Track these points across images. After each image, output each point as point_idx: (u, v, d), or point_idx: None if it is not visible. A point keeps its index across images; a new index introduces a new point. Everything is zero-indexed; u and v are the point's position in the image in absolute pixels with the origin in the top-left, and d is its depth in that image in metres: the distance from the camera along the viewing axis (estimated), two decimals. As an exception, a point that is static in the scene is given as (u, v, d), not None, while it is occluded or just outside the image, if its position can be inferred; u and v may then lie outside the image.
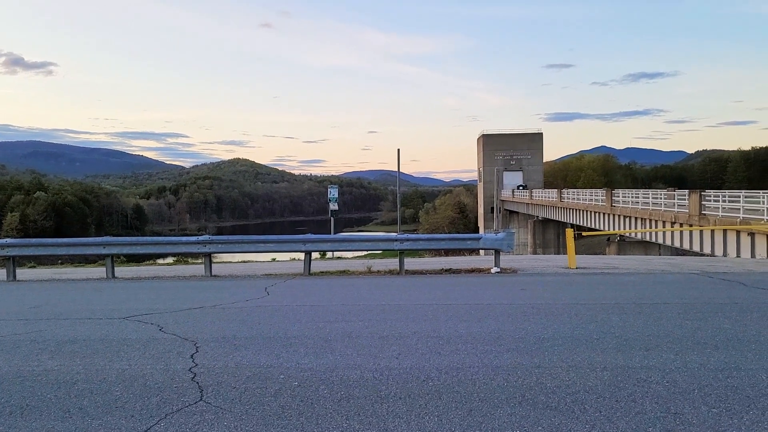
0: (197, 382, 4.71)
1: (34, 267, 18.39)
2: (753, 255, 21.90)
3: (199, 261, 17.05)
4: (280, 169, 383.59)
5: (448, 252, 24.51)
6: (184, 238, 14.24)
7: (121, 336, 6.54)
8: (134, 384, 4.70)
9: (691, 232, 27.83)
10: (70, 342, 6.29)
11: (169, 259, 25.40)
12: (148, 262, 20.97)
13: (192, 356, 5.55)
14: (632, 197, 36.52)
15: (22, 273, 14.75)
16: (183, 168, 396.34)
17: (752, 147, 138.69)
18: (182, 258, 21.20)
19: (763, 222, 21.55)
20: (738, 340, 5.80)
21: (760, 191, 25.50)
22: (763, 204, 22.44)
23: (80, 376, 4.99)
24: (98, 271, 14.86)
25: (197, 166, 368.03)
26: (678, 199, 29.52)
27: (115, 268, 13.83)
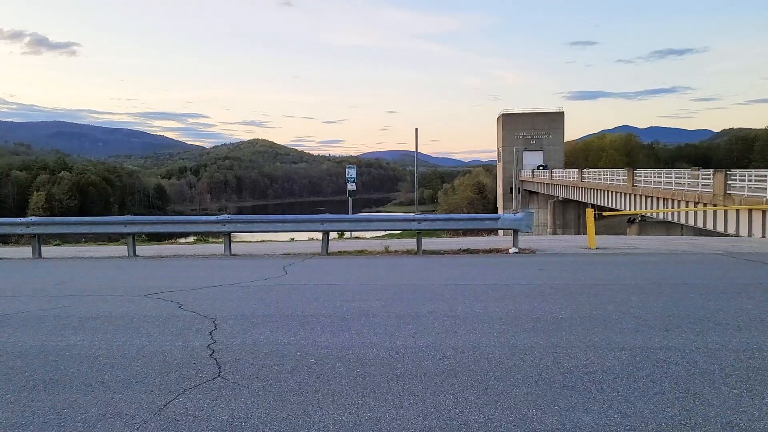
0: (215, 359, 4.76)
1: (59, 245, 18.71)
2: (778, 236, 21.47)
3: (219, 240, 17.21)
4: (299, 149, 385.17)
5: (466, 232, 24.42)
6: (204, 218, 14.36)
7: (141, 313, 6.63)
8: (154, 360, 4.77)
9: (715, 212, 27.38)
10: (92, 318, 6.40)
11: (190, 238, 25.69)
12: (168, 241, 21.21)
13: (210, 333, 5.62)
14: (654, 177, 35.96)
15: (48, 251, 15.03)
16: (203, 148, 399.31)
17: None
18: (202, 237, 21.41)
19: (789, 202, 21.09)
20: (761, 321, 5.70)
21: (788, 171, 24.91)
22: (791, 184, 21.96)
23: (102, 351, 5.07)
24: (120, 250, 15.08)
25: (217, 146, 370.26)
26: (702, 179, 28.99)
27: (137, 247, 14.02)
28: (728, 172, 26.67)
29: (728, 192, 25.84)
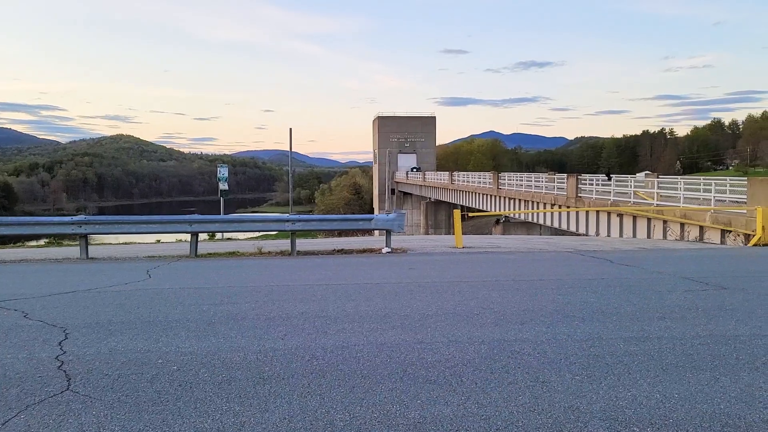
0: (64, 371, 4.40)
1: None
2: (621, 234, 23.87)
3: (76, 243, 15.92)
4: (168, 146, 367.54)
5: (341, 233, 24.62)
6: (56, 218, 13.21)
7: (-22, 324, 5.96)
8: (-9, 376, 4.31)
9: (568, 213, 29.83)
10: None
11: (42, 242, 23.52)
12: (15, 244, 19.28)
13: (60, 343, 5.18)
14: (517, 180, 38.50)
15: None
16: (58, 143, 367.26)
17: (624, 135, 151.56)
18: (56, 240, 19.70)
19: (630, 204, 23.50)
20: (602, 312, 6.29)
21: (629, 176, 27.74)
22: (630, 188, 24.45)
23: (-74, 369, 4.49)
24: (-45, 255, 13.45)
25: (75, 141, 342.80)
26: (558, 182, 31.51)
27: (-24, 251, 12.59)
28: (579, 177, 29.20)
29: (579, 195, 28.29)
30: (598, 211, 26.20)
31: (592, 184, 27.94)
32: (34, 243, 22.82)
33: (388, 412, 3.58)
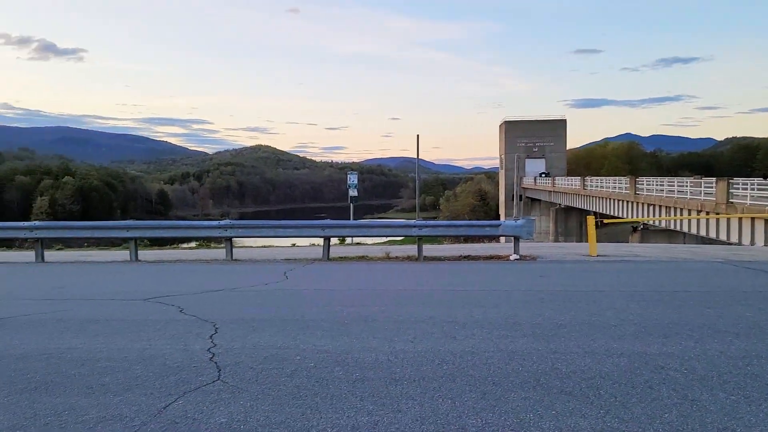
0: (215, 362, 4.79)
1: (62, 249, 18.77)
2: (780, 244, 21.44)
3: (221, 245, 17.23)
4: (301, 155, 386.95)
5: (467, 239, 24.46)
6: (205, 223, 14.41)
7: (142, 317, 6.66)
8: (154, 363, 4.79)
9: (717, 221, 27.33)
10: (92, 321, 6.43)
11: (192, 244, 25.73)
12: (171, 246, 21.28)
13: (211, 337, 5.64)
14: (657, 185, 35.94)
15: (51, 255, 15.07)
16: (206, 154, 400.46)
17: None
18: (204, 242, 21.46)
19: (791, 211, 21.07)
20: (760, 328, 5.70)
21: (790, 179, 24.86)
22: (792, 192, 21.92)
23: (102, 354, 5.10)
24: (122, 254, 15.12)
25: (220, 152, 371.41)
26: (705, 187, 28.96)
27: (139, 252, 14.06)
28: (731, 181, 26.64)
29: (731, 200, 25.81)
30: (753, 218, 23.74)
31: (745, 189, 25.36)
32: (185, 245, 25.00)
33: (522, 420, 3.50)
